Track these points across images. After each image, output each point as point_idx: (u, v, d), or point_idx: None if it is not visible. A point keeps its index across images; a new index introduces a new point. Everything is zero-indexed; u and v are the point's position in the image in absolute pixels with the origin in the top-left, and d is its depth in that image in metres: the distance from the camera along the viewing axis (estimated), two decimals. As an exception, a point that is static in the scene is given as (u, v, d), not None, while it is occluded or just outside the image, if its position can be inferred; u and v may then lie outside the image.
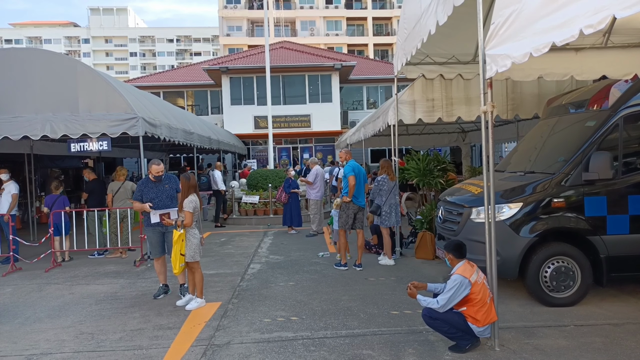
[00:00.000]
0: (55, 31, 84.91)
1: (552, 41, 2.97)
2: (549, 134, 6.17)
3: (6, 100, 7.76)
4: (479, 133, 13.90)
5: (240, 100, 24.60)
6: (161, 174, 5.94)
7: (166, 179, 5.99)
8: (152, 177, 5.93)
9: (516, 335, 4.35)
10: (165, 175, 6.01)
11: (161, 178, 5.94)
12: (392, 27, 48.13)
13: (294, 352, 4.16)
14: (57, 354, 4.30)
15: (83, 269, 7.87)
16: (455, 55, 7.73)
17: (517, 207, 5.16)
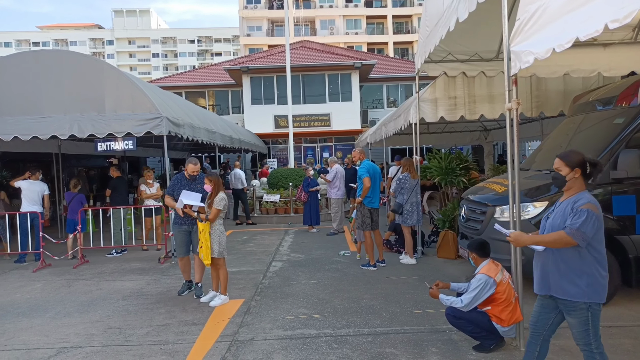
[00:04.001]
0: (81, 33, 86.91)
1: (576, 36, 2.92)
2: (575, 132, 6.05)
3: (36, 100, 7.99)
4: (502, 131, 13.75)
5: (260, 100, 24.77)
6: (196, 174, 6.07)
7: (200, 178, 6.10)
8: (187, 175, 6.07)
9: (542, 336, 4.29)
10: (200, 175, 6.12)
11: (195, 177, 6.07)
12: (413, 25, 47.79)
13: (317, 349, 4.19)
14: (86, 348, 4.43)
15: (109, 265, 8.06)
16: (477, 53, 7.65)
17: (543, 206, 5.09)
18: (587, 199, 2.99)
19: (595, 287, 2.93)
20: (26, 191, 8.54)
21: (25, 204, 8.53)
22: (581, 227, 2.86)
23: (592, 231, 2.88)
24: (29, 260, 8.54)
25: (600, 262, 2.96)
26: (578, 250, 2.95)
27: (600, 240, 2.95)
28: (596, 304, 2.95)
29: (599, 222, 2.91)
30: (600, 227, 2.93)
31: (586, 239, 2.89)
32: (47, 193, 8.87)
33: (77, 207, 8.68)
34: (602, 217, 2.96)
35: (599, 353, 3.00)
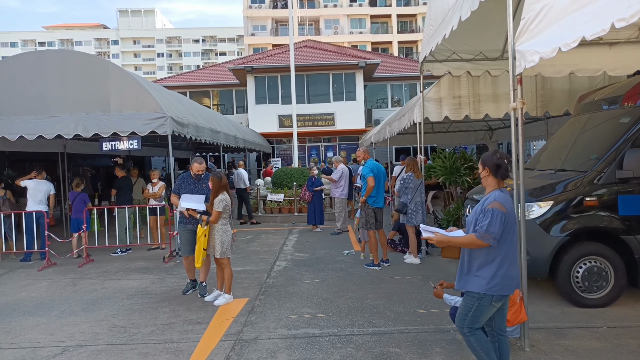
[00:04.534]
0: (86, 33, 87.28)
1: (582, 35, 2.90)
2: (580, 131, 6.02)
3: (41, 100, 8.04)
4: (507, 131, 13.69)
5: (264, 100, 24.78)
6: (201, 173, 6.10)
7: (205, 177, 6.12)
8: (193, 175, 6.10)
9: (547, 336, 4.28)
10: (205, 174, 6.14)
11: (201, 177, 6.09)
12: (417, 24, 47.68)
13: (320, 349, 4.19)
14: (91, 346, 4.45)
15: (114, 264, 8.10)
16: (482, 52, 7.62)
17: (548, 205, 5.06)
18: (493, 197, 3.15)
19: (493, 279, 3.09)
20: (32, 190, 8.60)
21: (31, 203, 8.58)
22: (488, 228, 3.05)
23: (500, 229, 3.05)
24: (34, 259, 8.59)
25: (508, 257, 3.12)
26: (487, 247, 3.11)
27: (509, 236, 3.10)
28: (487, 296, 3.11)
29: (507, 219, 3.07)
30: (510, 223, 3.09)
31: (495, 238, 3.06)
32: (53, 192, 8.93)
33: (80, 206, 8.73)
34: (511, 213, 3.10)
35: (474, 336, 3.22)
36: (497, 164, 3.20)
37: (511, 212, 3.11)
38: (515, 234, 3.18)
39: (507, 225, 3.09)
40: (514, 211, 3.17)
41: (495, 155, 3.24)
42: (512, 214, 3.12)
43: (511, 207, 3.14)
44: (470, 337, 3.23)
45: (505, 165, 3.20)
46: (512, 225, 3.13)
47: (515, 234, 3.18)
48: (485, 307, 3.16)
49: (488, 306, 3.15)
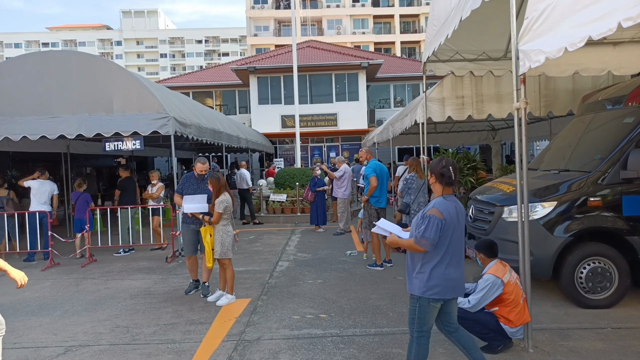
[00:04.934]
0: (89, 34, 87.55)
1: (589, 35, 2.88)
2: (584, 131, 6.00)
3: (45, 101, 8.06)
4: (510, 131, 13.65)
5: (267, 100, 24.80)
6: (204, 173, 6.11)
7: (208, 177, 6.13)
8: (196, 175, 6.11)
9: (550, 337, 4.26)
10: (209, 174, 6.15)
11: (204, 177, 6.10)
12: (420, 25, 47.62)
13: (323, 349, 4.18)
14: (94, 346, 4.45)
15: (117, 264, 8.11)
16: (485, 52, 7.61)
17: (551, 206, 5.04)
18: (433, 204, 3.25)
19: (426, 283, 3.18)
20: (36, 191, 8.62)
21: (35, 203, 8.60)
22: (424, 234, 3.13)
23: (436, 235, 3.12)
24: (37, 259, 8.61)
25: (445, 260, 3.18)
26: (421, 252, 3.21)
27: (444, 240, 3.15)
28: (425, 300, 3.19)
29: (444, 225, 3.13)
30: (447, 229, 3.15)
31: (432, 243, 3.14)
32: (57, 193, 8.95)
33: (83, 206, 8.74)
34: (450, 219, 3.16)
35: (417, 343, 3.28)
36: (441, 172, 3.28)
37: (450, 218, 3.17)
38: (455, 238, 3.21)
39: (444, 231, 3.15)
40: (456, 216, 3.21)
41: (441, 163, 3.31)
42: (450, 220, 3.17)
43: (450, 213, 3.19)
44: (416, 341, 3.27)
45: (449, 174, 3.25)
46: (452, 230, 3.18)
47: (455, 238, 3.21)
48: (425, 307, 3.22)
49: (427, 306, 3.22)
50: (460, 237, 3.26)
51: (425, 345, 3.29)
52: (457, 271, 3.23)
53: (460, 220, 3.25)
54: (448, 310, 3.35)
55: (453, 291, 3.24)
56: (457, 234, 3.22)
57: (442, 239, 3.16)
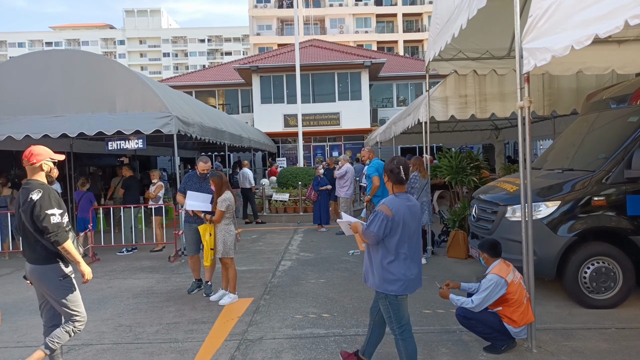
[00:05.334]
0: (92, 33, 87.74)
1: (595, 33, 2.86)
2: (588, 130, 5.97)
3: (48, 100, 8.08)
4: (513, 130, 13.55)
5: (270, 99, 24.80)
6: (206, 172, 6.10)
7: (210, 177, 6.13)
8: (199, 174, 6.11)
9: (554, 337, 4.24)
10: (211, 173, 6.15)
11: (206, 176, 6.10)
12: (423, 23, 47.53)
13: (325, 349, 4.17)
14: (97, 345, 4.46)
15: (120, 263, 8.12)
16: (489, 50, 7.57)
17: (555, 205, 5.02)
18: (383, 201, 3.36)
19: (387, 280, 3.28)
20: (38, 190, 8.62)
21: (38, 202, 8.60)
22: (369, 228, 3.27)
23: (380, 230, 3.22)
24: (41, 258, 8.61)
25: (400, 258, 3.28)
26: (377, 247, 3.33)
27: (393, 238, 3.25)
28: (391, 297, 3.30)
29: (392, 223, 3.23)
30: (394, 226, 3.24)
31: (376, 237, 3.26)
32: (60, 192, 8.97)
33: (86, 205, 8.75)
34: (399, 218, 3.24)
35: (402, 339, 3.34)
36: (391, 170, 3.39)
37: (400, 216, 3.25)
38: (407, 235, 3.29)
39: (392, 228, 3.24)
40: (407, 214, 3.29)
41: (392, 163, 3.42)
42: (399, 218, 3.24)
43: (400, 210, 3.26)
44: (402, 341, 3.35)
45: (397, 171, 3.35)
46: (402, 228, 3.25)
47: (407, 235, 3.29)
48: (395, 304, 3.34)
49: (397, 302, 3.34)
50: (414, 234, 3.34)
51: (410, 339, 3.36)
52: (414, 265, 3.34)
53: (413, 217, 3.33)
54: None
55: (412, 287, 3.35)
56: (409, 231, 3.30)
57: (392, 236, 3.26)
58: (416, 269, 3.36)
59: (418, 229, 3.40)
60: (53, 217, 3.42)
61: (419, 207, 3.45)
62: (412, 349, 3.36)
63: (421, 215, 3.53)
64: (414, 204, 3.40)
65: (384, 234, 3.24)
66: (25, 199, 3.38)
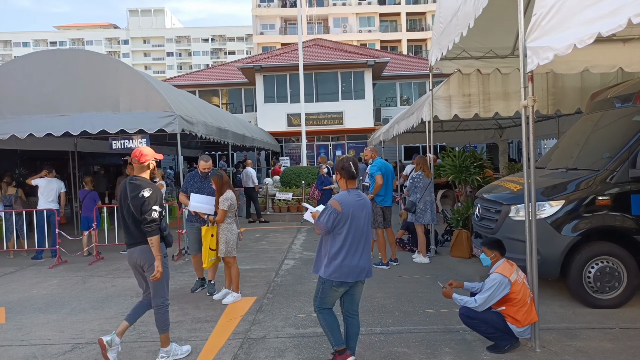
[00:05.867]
0: (97, 33, 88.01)
1: (598, 31, 2.85)
2: (592, 129, 5.94)
3: (53, 99, 8.10)
4: (517, 129, 13.48)
5: (273, 98, 24.80)
6: (207, 170, 6.10)
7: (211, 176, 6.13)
8: (200, 172, 6.12)
9: (558, 337, 4.22)
10: (212, 172, 6.15)
11: (207, 174, 6.10)
12: (426, 22, 47.42)
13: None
14: (101, 344, 4.47)
15: (124, 262, 8.14)
16: (492, 49, 7.54)
17: (559, 204, 5.00)
18: (335, 197, 3.64)
19: (328, 267, 3.55)
20: (43, 189, 8.67)
21: (42, 201, 8.66)
22: (320, 220, 3.57)
23: (328, 222, 3.52)
24: (45, 256, 8.67)
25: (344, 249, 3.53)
26: (327, 237, 3.60)
27: (341, 230, 3.52)
28: (328, 282, 3.57)
29: (340, 216, 3.50)
30: (342, 219, 3.51)
31: (325, 229, 3.55)
32: (64, 191, 9.00)
33: (91, 204, 8.79)
34: (346, 212, 3.51)
35: (321, 315, 3.67)
36: (342, 167, 3.67)
37: (349, 211, 3.52)
38: (354, 229, 3.53)
39: (339, 221, 3.51)
40: (356, 209, 3.55)
41: (343, 161, 3.71)
42: (348, 212, 3.51)
43: (349, 205, 3.53)
44: (319, 314, 3.68)
45: (347, 167, 3.65)
46: (349, 222, 3.52)
47: (354, 229, 3.53)
48: (327, 290, 3.60)
49: (330, 290, 3.59)
50: (359, 228, 3.57)
51: (328, 316, 3.66)
52: (355, 258, 3.56)
53: (362, 212, 3.58)
54: (352, 293, 3.69)
55: (352, 276, 3.56)
56: (357, 225, 3.55)
57: (340, 229, 3.53)
58: (357, 261, 3.56)
59: (367, 224, 3.65)
60: (154, 212, 3.90)
61: (369, 202, 3.72)
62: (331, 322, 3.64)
63: (371, 210, 3.77)
64: (364, 200, 3.65)
65: (332, 226, 3.52)
66: (136, 194, 3.91)
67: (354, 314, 3.76)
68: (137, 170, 4.08)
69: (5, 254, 8.91)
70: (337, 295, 3.64)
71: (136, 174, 4.08)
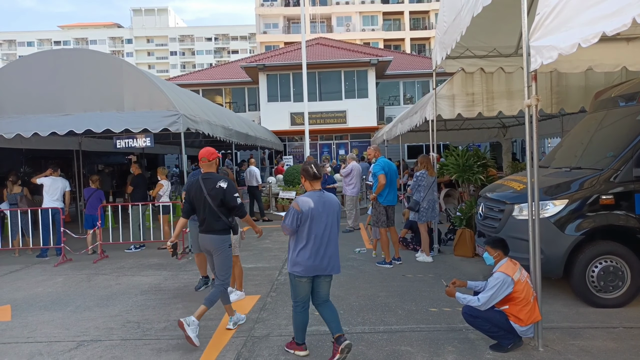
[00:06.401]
0: (100, 32, 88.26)
1: (602, 31, 2.85)
2: (596, 129, 5.93)
3: (57, 99, 8.14)
4: (521, 128, 13.47)
5: (276, 97, 24.81)
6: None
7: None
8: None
9: (561, 336, 4.23)
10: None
11: None
12: (430, 21, 47.34)
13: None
14: (105, 341, 4.51)
15: (128, 260, 8.19)
16: (496, 48, 7.54)
17: (562, 204, 4.99)
18: (296, 198, 3.89)
19: (294, 262, 3.84)
20: (48, 187, 8.72)
21: (47, 199, 8.70)
22: (284, 221, 3.83)
23: (292, 223, 3.77)
24: (50, 254, 8.72)
25: (308, 247, 3.77)
26: (294, 236, 3.86)
27: (303, 228, 3.77)
28: (292, 275, 3.87)
29: (301, 216, 3.75)
30: (304, 219, 3.75)
31: (288, 229, 3.81)
32: (69, 189, 9.05)
33: (96, 202, 8.82)
34: (306, 212, 3.74)
35: (294, 311, 3.97)
36: (305, 170, 3.91)
37: (309, 210, 3.75)
38: (315, 226, 3.77)
39: (302, 221, 3.76)
40: (318, 208, 3.78)
41: (306, 164, 3.95)
42: (309, 212, 3.75)
43: (310, 206, 3.76)
44: (293, 309, 3.97)
45: (308, 169, 3.88)
46: (310, 221, 3.75)
47: (315, 226, 3.77)
48: (293, 282, 3.89)
49: (294, 281, 3.87)
50: (321, 226, 3.79)
51: (300, 314, 3.94)
52: (318, 255, 3.79)
53: (325, 211, 3.81)
54: (316, 286, 3.93)
55: (314, 270, 3.81)
56: (319, 223, 3.79)
57: (302, 228, 3.78)
58: (319, 257, 3.80)
59: (331, 221, 3.86)
60: (238, 198, 4.52)
61: (333, 201, 3.93)
62: (298, 322, 3.95)
63: (338, 207, 3.98)
64: (327, 199, 3.88)
65: (295, 226, 3.77)
66: (213, 186, 4.48)
67: (324, 301, 3.98)
68: (206, 167, 4.63)
69: (10, 252, 8.97)
70: (305, 287, 3.88)
71: (206, 170, 4.63)
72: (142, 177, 9.63)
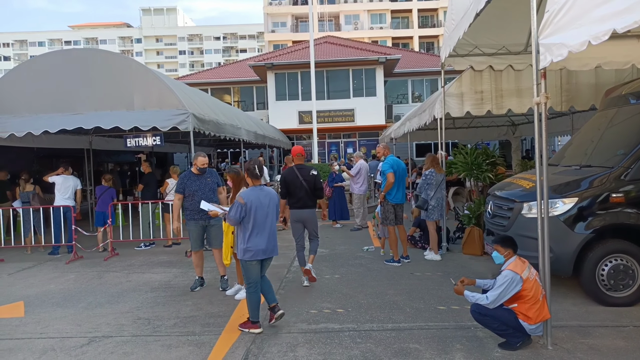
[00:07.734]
0: (110, 32, 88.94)
1: (613, 28, 2.83)
2: (607, 126, 5.88)
3: (68, 98, 8.22)
4: (530, 126, 13.36)
5: (285, 96, 24.85)
6: (206, 166, 6.15)
7: (208, 172, 6.20)
8: (196, 170, 6.13)
9: (570, 335, 4.21)
10: (208, 170, 6.21)
11: (205, 171, 6.14)
12: (438, 19, 47.12)
13: (340, 344, 4.21)
14: (117, 337, 4.57)
15: (139, 258, 8.27)
16: (505, 46, 7.50)
17: (572, 202, 4.97)
18: (240, 193, 4.61)
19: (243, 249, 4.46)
20: (60, 186, 8.82)
21: (59, 197, 8.81)
22: (229, 214, 4.46)
23: (236, 215, 4.39)
24: (62, 252, 8.83)
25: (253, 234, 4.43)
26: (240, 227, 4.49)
27: (248, 219, 4.41)
28: (243, 261, 4.50)
29: (243, 208, 4.38)
30: (248, 211, 4.38)
31: (234, 220, 4.43)
32: (80, 187, 9.15)
33: (107, 200, 8.92)
34: (249, 204, 4.38)
35: (247, 292, 4.57)
36: (248, 169, 4.58)
37: (251, 203, 4.39)
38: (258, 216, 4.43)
39: (246, 212, 4.37)
40: (258, 201, 4.43)
41: (250, 163, 4.61)
42: (251, 204, 4.38)
43: (251, 199, 4.40)
44: (247, 290, 4.57)
45: (251, 169, 4.56)
46: (254, 212, 4.40)
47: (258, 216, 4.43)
48: (245, 266, 4.49)
49: (246, 265, 4.48)
50: (266, 216, 4.47)
51: (254, 294, 4.52)
52: (262, 239, 4.45)
53: (264, 203, 4.45)
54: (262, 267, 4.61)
55: (263, 254, 4.48)
56: (260, 214, 4.44)
57: (248, 218, 4.39)
58: (264, 242, 4.46)
59: (270, 212, 4.53)
60: (322, 182, 5.80)
61: (271, 194, 4.56)
62: (253, 301, 4.50)
63: (276, 199, 4.64)
64: (265, 193, 4.53)
65: (240, 218, 4.38)
66: (308, 173, 6.09)
67: (261, 277, 4.65)
68: (298, 160, 6.20)
69: (23, 249, 9.09)
70: (255, 269, 4.50)
71: (297, 162, 6.19)
72: (152, 176, 9.71)
